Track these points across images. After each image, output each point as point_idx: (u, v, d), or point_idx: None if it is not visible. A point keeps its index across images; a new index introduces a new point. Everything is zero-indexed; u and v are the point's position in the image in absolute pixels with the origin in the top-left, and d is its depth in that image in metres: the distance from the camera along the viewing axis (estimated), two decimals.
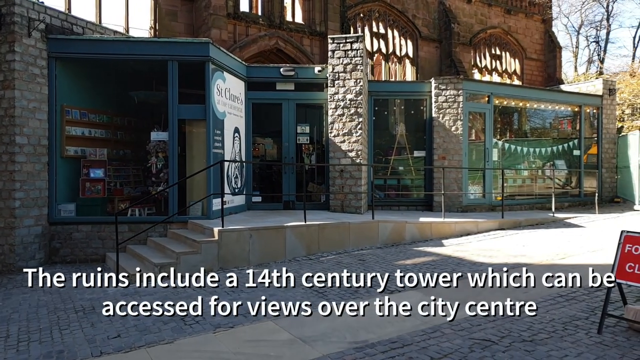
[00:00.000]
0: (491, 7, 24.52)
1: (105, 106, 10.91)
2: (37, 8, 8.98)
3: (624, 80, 22.65)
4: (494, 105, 14.20)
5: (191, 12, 16.47)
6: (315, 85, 12.30)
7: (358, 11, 20.51)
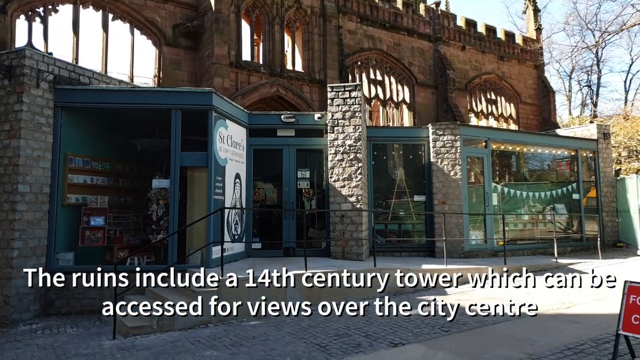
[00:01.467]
0: (485, 54, 25.19)
1: (108, 154, 11.01)
2: (47, 60, 9.22)
3: (618, 123, 23.03)
4: (492, 150, 14.36)
5: (194, 61, 16.87)
6: (315, 131, 12.47)
7: (355, 59, 21.05)
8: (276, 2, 17.91)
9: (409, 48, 22.62)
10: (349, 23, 20.69)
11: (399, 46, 22.31)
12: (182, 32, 16.67)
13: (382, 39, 21.78)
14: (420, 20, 23.27)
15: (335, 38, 19.18)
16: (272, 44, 17.88)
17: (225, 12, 16.46)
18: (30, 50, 9.17)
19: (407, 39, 22.61)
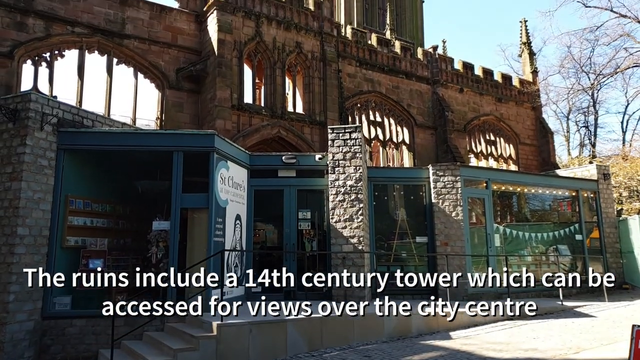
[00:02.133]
0: (483, 96, 25.59)
1: (108, 195, 10.99)
2: (51, 104, 9.34)
3: (617, 163, 23.15)
4: (493, 190, 14.35)
5: (197, 103, 17.13)
6: (316, 171, 12.50)
7: (355, 101, 21.37)
8: (277, 47, 18.34)
9: (407, 90, 23.00)
10: (349, 67, 21.13)
11: (397, 89, 22.70)
12: (185, 76, 16.99)
13: (381, 82, 22.18)
14: (418, 63, 23.76)
15: (335, 81, 19.54)
16: (273, 87, 18.20)
17: (228, 57, 16.84)
18: (35, 94, 9.32)
19: (405, 82, 23.02)
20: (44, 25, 14.84)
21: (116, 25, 16.13)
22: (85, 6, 15.68)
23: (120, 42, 16.14)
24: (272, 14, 18.38)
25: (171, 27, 17.22)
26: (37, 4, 14.80)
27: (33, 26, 14.64)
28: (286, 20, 18.62)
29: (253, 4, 18.02)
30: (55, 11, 15.08)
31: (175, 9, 17.49)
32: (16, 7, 14.41)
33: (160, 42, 16.85)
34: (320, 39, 19.47)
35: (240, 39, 17.52)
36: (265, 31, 18.15)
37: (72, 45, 15.56)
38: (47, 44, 14.95)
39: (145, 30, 16.66)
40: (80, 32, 15.46)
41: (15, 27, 14.35)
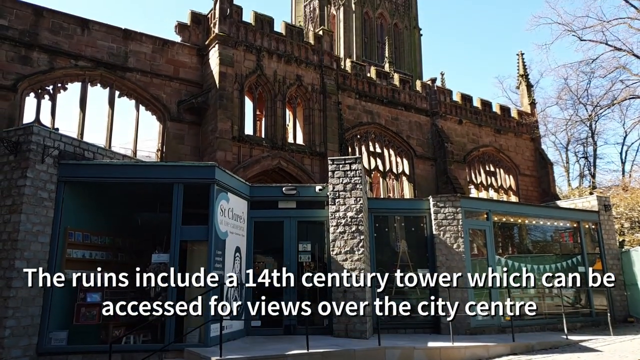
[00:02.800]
0: (481, 128, 25.77)
1: (108, 227, 10.93)
2: (53, 136, 9.39)
3: (617, 194, 23.13)
4: (493, 222, 14.29)
5: (197, 135, 17.23)
6: (317, 203, 12.47)
7: (355, 133, 21.51)
8: (278, 80, 18.58)
9: (406, 122, 23.18)
10: (348, 99, 21.36)
11: (397, 120, 22.88)
12: (186, 108, 17.14)
13: (380, 113, 22.38)
14: (417, 95, 24.02)
15: (335, 113, 19.71)
16: (274, 118, 18.35)
17: (229, 90, 17.03)
18: (37, 127, 9.38)
19: (404, 114, 23.22)
20: (48, 59, 15.07)
21: (119, 58, 16.36)
22: (89, 40, 15.95)
23: (122, 75, 16.35)
24: (273, 47, 18.69)
25: (173, 61, 17.47)
26: (42, 38, 15.05)
27: (37, 60, 14.85)
28: (287, 54, 18.92)
29: (254, 38, 18.34)
30: (59, 45, 15.33)
31: (177, 43, 17.78)
32: (21, 42, 14.65)
33: (162, 75, 17.06)
34: (321, 72, 19.74)
35: (242, 72, 17.76)
36: (266, 64, 18.42)
37: (75, 78, 15.75)
38: (50, 77, 15.14)
39: (148, 64, 16.90)
40: (83, 65, 15.68)
41: (20, 61, 14.56)
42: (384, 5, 41.12)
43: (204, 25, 18.35)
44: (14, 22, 14.65)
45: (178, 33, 18.05)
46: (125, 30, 16.68)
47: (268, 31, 18.75)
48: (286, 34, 19.21)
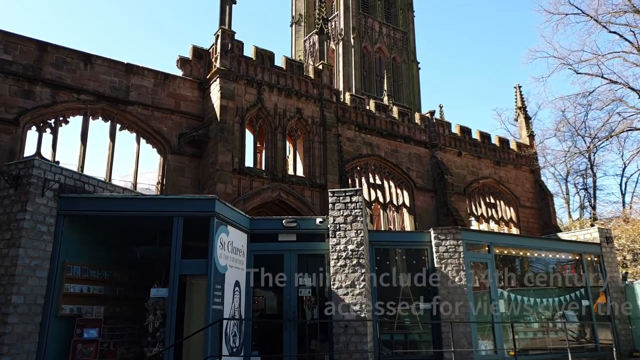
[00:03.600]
0: (481, 160, 25.87)
1: (106, 261, 10.82)
2: (54, 170, 9.41)
3: (619, 226, 23.05)
4: (495, 254, 14.20)
5: (198, 167, 17.27)
6: (317, 235, 12.40)
7: (355, 164, 21.57)
8: (279, 113, 18.75)
9: (406, 154, 23.27)
10: (348, 131, 21.50)
11: (396, 152, 22.98)
12: (187, 141, 17.22)
13: (380, 145, 22.49)
14: (416, 128, 24.20)
15: (335, 145, 19.82)
16: (274, 151, 18.43)
17: (230, 122, 17.16)
18: (38, 160, 9.41)
19: (404, 146, 23.34)
20: (51, 92, 15.22)
21: (121, 92, 16.54)
22: (92, 75, 16.15)
23: (124, 109, 16.49)
24: (273, 81, 18.93)
25: (174, 94, 17.66)
26: (45, 72, 15.25)
27: (40, 94, 15.01)
28: (287, 88, 19.15)
29: (255, 73, 18.60)
30: (62, 79, 15.52)
31: (179, 77, 18.01)
32: (25, 76, 14.83)
33: (163, 109, 17.21)
34: (320, 105, 19.95)
35: (242, 105, 17.94)
36: (267, 98, 18.62)
37: (76, 112, 15.88)
38: (52, 110, 15.27)
39: (149, 97, 17.07)
40: (85, 99, 15.83)
41: (23, 95, 14.70)
42: (382, 40, 41.90)
43: (206, 60, 18.64)
44: (19, 57, 14.87)
45: (180, 67, 18.30)
46: (128, 65, 16.92)
47: (269, 65, 19.03)
48: (286, 68, 19.50)
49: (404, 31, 43.84)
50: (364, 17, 41.32)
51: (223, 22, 18.25)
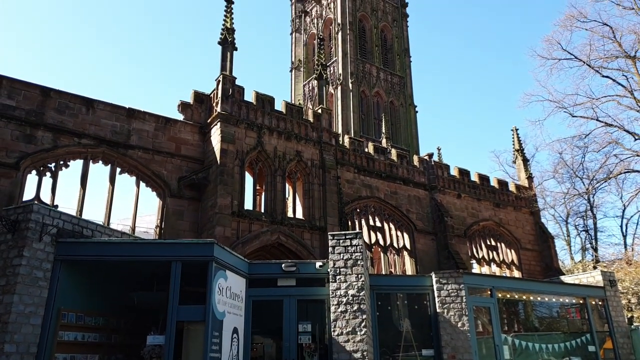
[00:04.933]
0: (480, 202, 25.86)
1: (102, 307, 10.60)
2: (52, 214, 9.36)
3: (621, 268, 22.79)
4: (498, 298, 13.97)
5: (197, 211, 17.21)
6: (317, 280, 12.22)
7: (355, 206, 21.54)
8: (278, 156, 18.87)
9: (405, 196, 23.28)
10: (347, 173, 21.59)
11: (396, 194, 22.99)
12: (187, 184, 17.24)
13: (379, 187, 22.53)
14: (415, 170, 24.32)
15: (334, 187, 19.85)
16: (273, 193, 18.43)
17: (230, 166, 17.23)
18: (37, 205, 9.37)
19: (403, 188, 23.38)
20: (52, 137, 15.35)
21: (121, 136, 16.68)
22: (94, 119, 16.34)
23: (124, 152, 16.59)
24: (273, 125, 19.15)
25: (175, 138, 17.81)
26: (47, 117, 15.42)
27: (42, 138, 15.13)
28: (287, 131, 19.36)
29: (255, 117, 18.84)
30: (64, 124, 15.68)
31: (180, 121, 18.21)
32: (27, 121, 14.98)
33: (164, 152, 17.32)
34: (320, 148, 20.11)
35: (242, 148, 18.07)
36: (267, 141, 18.79)
37: (77, 156, 15.95)
38: (53, 154, 15.35)
39: (150, 141, 17.21)
40: (86, 143, 15.95)
41: (24, 140, 14.82)
42: (379, 85, 42.72)
43: (207, 104, 18.91)
44: (22, 103, 15.08)
45: (181, 112, 18.53)
46: (129, 109, 17.14)
47: (269, 110, 19.30)
48: (286, 112, 19.77)
49: (401, 76, 44.76)
50: (361, 63, 42.28)
51: (224, 68, 18.63)
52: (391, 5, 47.37)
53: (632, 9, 21.53)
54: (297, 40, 47.76)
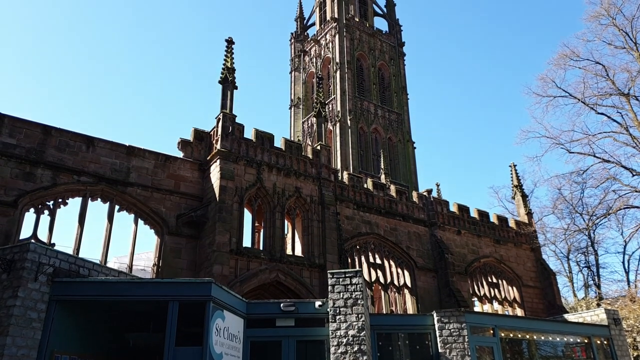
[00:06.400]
0: (481, 238, 25.68)
1: (97, 348, 10.36)
2: (49, 253, 9.25)
3: (625, 306, 22.46)
4: (501, 337, 13.70)
5: (195, 249, 17.05)
6: (316, 320, 11.99)
7: (354, 243, 21.36)
8: (277, 192, 18.85)
9: (405, 232, 23.13)
10: (346, 209, 21.51)
11: (395, 231, 22.85)
12: (185, 222, 17.15)
13: (378, 224, 22.41)
14: (414, 206, 24.25)
15: (333, 224, 19.74)
16: (272, 230, 18.30)
17: (229, 202, 17.18)
18: (34, 244, 9.27)
19: (403, 224, 23.26)
20: (52, 175, 15.35)
21: (121, 174, 16.69)
22: (93, 157, 16.38)
23: (123, 190, 16.56)
24: (272, 161, 19.21)
25: (174, 175, 17.82)
26: (47, 155, 15.46)
27: (41, 176, 15.12)
28: (286, 167, 19.41)
29: (255, 153, 18.92)
30: (64, 162, 15.71)
31: (179, 158, 18.27)
32: (27, 159, 15.00)
33: (163, 190, 17.29)
34: (319, 184, 20.12)
35: (242, 185, 18.07)
36: (266, 177, 18.81)
37: (76, 193, 15.91)
38: (52, 192, 15.30)
39: (149, 179, 17.20)
40: (85, 180, 15.93)
41: (23, 177, 14.81)
42: (377, 121, 43.23)
43: (207, 142, 19.02)
44: (23, 141, 15.15)
45: (180, 149, 18.62)
46: (129, 147, 17.22)
47: (268, 146, 19.40)
48: (285, 149, 19.88)
49: (399, 112, 45.34)
50: (359, 100, 42.90)
51: (225, 106, 18.84)
52: (388, 44, 48.44)
53: (623, 47, 22.01)
54: (296, 79, 48.59)
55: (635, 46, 21.57)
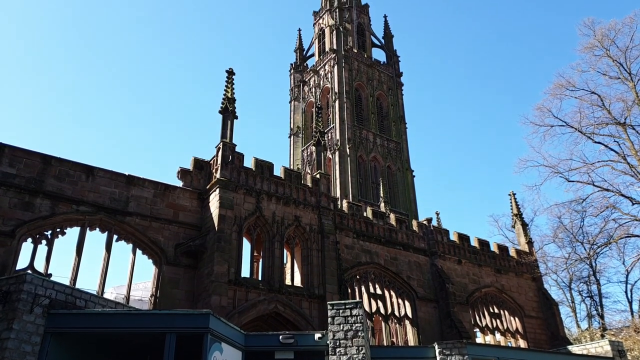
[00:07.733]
0: (482, 267, 25.44)
1: None
2: (45, 284, 9.15)
3: (630, 336, 22.11)
4: None
5: (193, 279, 16.87)
6: (316, 353, 11.76)
7: (354, 273, 21.13)
8: (277, 221, 18.77)
9: (405, 262, 22.92)
10: (346, 238, 21.36)
11: (396, 260, 22.65)
12: (183, 251, 17.01)
13: (378, 253, 22.22)
14: (415, 235, 24.10)
15: (333, 253, 19.58)
16: (271, 260, 18.14)
17: (228, 232, 17.08)
18: (31, 275, 9.19)
19: (403, 253, 23.07)
20: (50, 204, 15.30)
21: (120, 203, 16.64)
22: (93, 186, 16.36)
23: (122, 220, 16.48)
24: (272, 190, 19.20)
25: (173, 204, 17.77)
26: (47, 185, 15.45)
27: (40, 206, 15.07)
28: (285, 196, 19.38)
29: (254, 182, 18.92)
30: (63, 191, 15.68)
31: (178, 187, 18.25)
32: (26, 189, 14.99)
33: (161, 219, 17.21)
34: (318, 213, 20.05)
35: (241, 214, 17.99)
36: (265, 206, 18.75)
37: (74, 223, 15.82)
38: (50, 222, 15.23)
39: (148, 208, 17.15)
40: (84, 210, 15.88)
41: (22, 207, 14.75)
42: (376, 150, 43.47)
43: (206, 171, 19.04)
44: (22, 170, 15.15)
45: (180, 178, 18.62)
46: (129, 176, 17.22)
47: (268, 175, 19.42)
48: (285, 177, 19.88)
49: (397, 141, 45.64)
50: (358, 129, 43.23)
51: (225, 135, 18.94)
52: (386, 74, 49.13)
53: (618, 78, 22.30)
54: (296, 108, 49.07)
55: (630, 77, 21.86)
